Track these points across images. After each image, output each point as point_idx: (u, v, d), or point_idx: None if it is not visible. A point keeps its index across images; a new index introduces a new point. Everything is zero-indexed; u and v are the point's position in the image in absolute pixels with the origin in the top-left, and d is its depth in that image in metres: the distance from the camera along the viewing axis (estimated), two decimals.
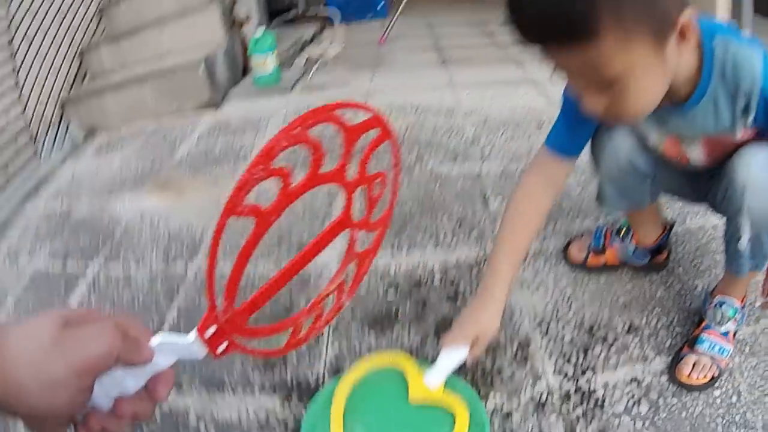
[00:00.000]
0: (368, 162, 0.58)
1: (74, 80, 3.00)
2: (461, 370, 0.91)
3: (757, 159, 0.85)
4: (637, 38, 0.66)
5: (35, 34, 2.66)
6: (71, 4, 3.01)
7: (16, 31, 2.51)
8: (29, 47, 2.62)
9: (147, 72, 2.73)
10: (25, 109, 2.52)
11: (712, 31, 0.81)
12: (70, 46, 2.98)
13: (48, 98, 2.73)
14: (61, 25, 2.90)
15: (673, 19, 0.69)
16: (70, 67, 2.97)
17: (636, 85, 0.71)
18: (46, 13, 2.77)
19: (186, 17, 3.00)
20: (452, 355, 0.86)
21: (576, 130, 0.96)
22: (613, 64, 0.67)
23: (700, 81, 0.83)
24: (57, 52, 2.86)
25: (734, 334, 1.04)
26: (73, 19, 3.03)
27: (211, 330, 0.49)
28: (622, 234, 1.23)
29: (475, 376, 1.02)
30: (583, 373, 1.02)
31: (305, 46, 3.56)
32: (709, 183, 0.98)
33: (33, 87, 2.62)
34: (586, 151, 1.03)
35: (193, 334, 0.48)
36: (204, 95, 2.62)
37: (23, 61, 2.56)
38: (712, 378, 0.98)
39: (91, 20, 3.20)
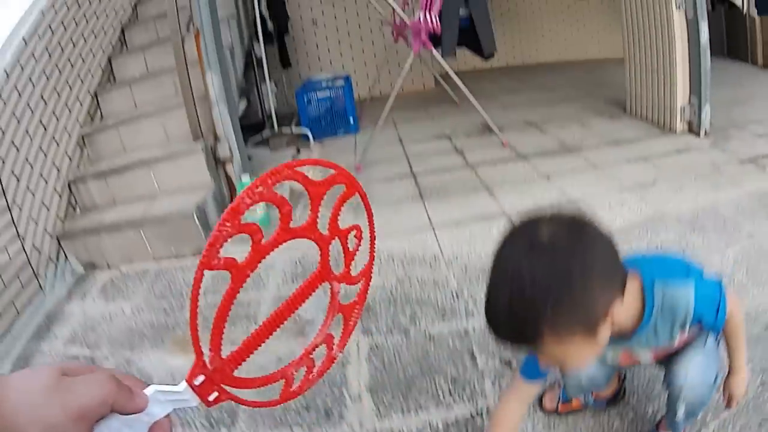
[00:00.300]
0: (338, 216, 0.63)
1: (66, 212, 3.42)
2: None
3: (693, 363, 1.31)
4: (571, 338, 1.00)
5: (22, 167, 3.07)
6: (54, 132, 3.45)
7: (2, 165, 2.90)
8: (18, 181, 3.01)
9: (141, 217, 3.18)
10: (23, 244, 2.89)
11: (652, 276, 1.18)
12: (57, 177, 3.41)
13: (44, 232, 3.12)
14: (46, 155, 3.33)
15: (602, 315, 1.01)
16: (60, 199, 3.39)
17: (573, 360, 1.08)
18: (30, 143, 3.19)
19: (172, 159, 3.48)
20: None
21: None
22: (554, 354, 1.04)
23: (642, 321, 1.19)
24: (46, 184, 3.27)
25: None
26: (57, 147, 3.47)
27: (200, 379, 0.54)
28: None
29: None
30: None
31: None
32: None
33: (28, 221, 3.00)
34: None
35: (183, 384, 0.54)
36: (200, 242, 3.06)
37: (14, 195, 2.94)
38: None
39: (74, 148, 3.67)
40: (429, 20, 3.93)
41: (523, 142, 4.42)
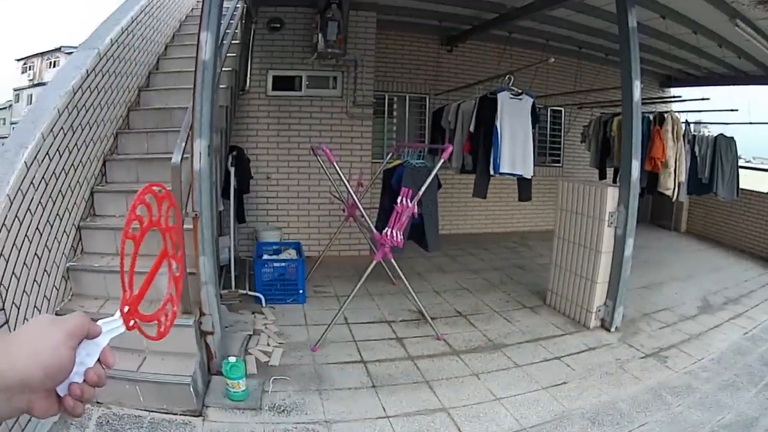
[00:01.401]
0: (168, 218, 1.09)
1: None
2: None
3: None
4: None
5: (21, 297, 3.66)
6: (46, 264, 4.10)
7: (6, 294, 3.44)
8: (18, 310, 3.58)
9: (135, 371, 4.05)
10: None
11: None
12: (48, 307, 4.07)
13: None
14: (39, 286, 3.97)
15: None
16: None
17: None
18: (28, 273, 3.77)
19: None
20: None
21: None
22: None
23: None
24: (39, 313, 3.83)
25: None
26: (48, 278, 4.14)
27: (126, 308, 0.97)
28: None
29: None
30: None
31: (248, 343, 5.23)
32: None
33: None
34: None
35: (117, 313, 0.97)
36: (191, 405, 4.03)
37: (15, 324, 3.50)
38: None
39: (60, 281, 4.39)
40: (394, 237, 5.29)
41: (455, 335, 5.84)
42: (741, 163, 9.18)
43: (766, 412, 4.32)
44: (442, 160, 5.48)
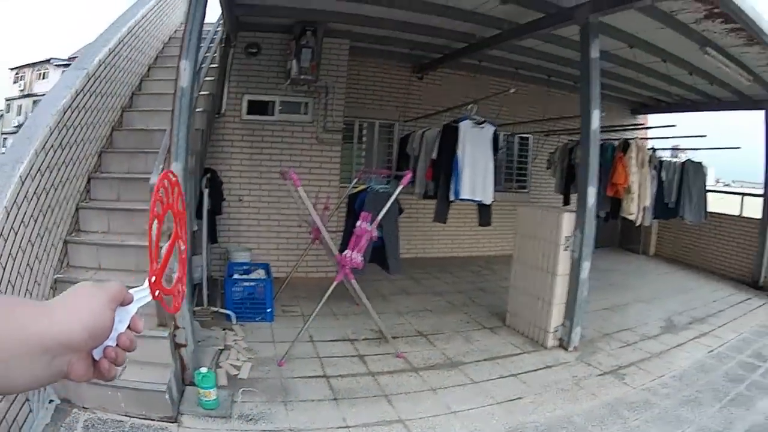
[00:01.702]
0: (179, 203, 1.20)
1: None
2: None
3: None
4: None
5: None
6: (36, 275, 4.29)
7: None
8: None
9: (119, 383, 4.28)
10: None
11: None
12: None
13: None
14: (31, 295, 4.20)
15: None
16: None
17: None
18: (21, 282, 3.97)
19: (141, 338, 4.82)
20: None
21: None
22: None
23: None
24: None
25: None
26: (38, 287, 4.36)
27: (153, 278, 1.05)
28: None
29: None
30: None
31: (218, 357, 5.56)
32: None
33: None
34: None
35: (146, 282, 1.05)
36: (167, 412, 4.35)
37: None
38: None
39: (48, 292, 4.59)
40: (354, 258, 5.65)
41: (414, 354, 6.17)
42: (720, 186, 9.52)
43: (730, 426, 4.62)
44: (401, 186, 5.83)
